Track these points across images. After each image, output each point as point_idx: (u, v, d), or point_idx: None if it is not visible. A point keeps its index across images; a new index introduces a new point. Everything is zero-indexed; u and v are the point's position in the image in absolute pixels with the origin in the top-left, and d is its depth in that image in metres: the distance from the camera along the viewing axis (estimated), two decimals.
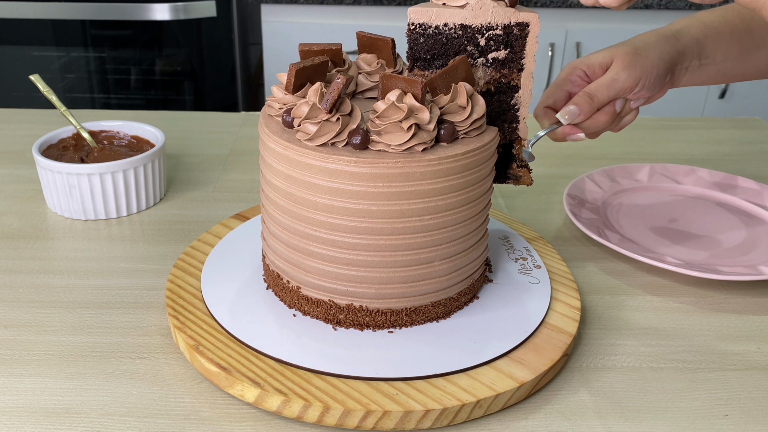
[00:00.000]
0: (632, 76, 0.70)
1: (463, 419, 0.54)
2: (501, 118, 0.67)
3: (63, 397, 0.55)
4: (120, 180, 0.80)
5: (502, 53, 0.64)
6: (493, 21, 0.62)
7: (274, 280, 0.63)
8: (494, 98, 0.66)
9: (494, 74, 0.65)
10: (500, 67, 0.64)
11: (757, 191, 0.90)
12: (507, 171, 0.70)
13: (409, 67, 0.65)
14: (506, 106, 0.66)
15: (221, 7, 1.96)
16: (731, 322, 0.67)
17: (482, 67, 0.64)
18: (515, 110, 0.66)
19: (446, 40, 0.63)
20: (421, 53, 0.64)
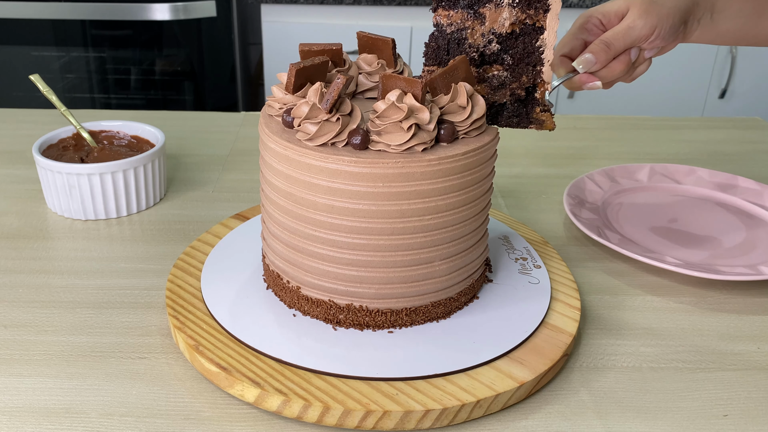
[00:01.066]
0: (648, 24, 0.69)
1: (463, 419, 0.54)
2: (525, 60, 0.66)
3: (63, 397, 0.55)
4: (120, 180, 0.80)
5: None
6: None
7: (274, 280, 0.63)
8: (519, 40, 0.65)
9: (519, 15, 0.63)
10: (526, 8, 0.63)
11: (757, 191, 0.90)
12: (530, 116, 0.68)
13: (433, 7, 0.64)
14: (530, 48, 0.65)
15: (221, 7, 1.96)
16: (731, 322, 0.67)
17: (507, 7, 0.63)
18: (540, 52, 0.65)
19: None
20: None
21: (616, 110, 2.04)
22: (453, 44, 0.65)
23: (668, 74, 1.98)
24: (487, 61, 0.66)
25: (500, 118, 0.68)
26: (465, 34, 0.64)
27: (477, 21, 0.64)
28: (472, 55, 0.65)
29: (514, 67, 0.65)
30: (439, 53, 0.65)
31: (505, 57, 0.65)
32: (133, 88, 2.04)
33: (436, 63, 0.66)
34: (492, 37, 0.65)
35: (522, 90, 0.66)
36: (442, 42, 0.65)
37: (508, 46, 0.65)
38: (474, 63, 0.65)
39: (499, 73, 0.66)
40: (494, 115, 0.68)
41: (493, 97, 0.66)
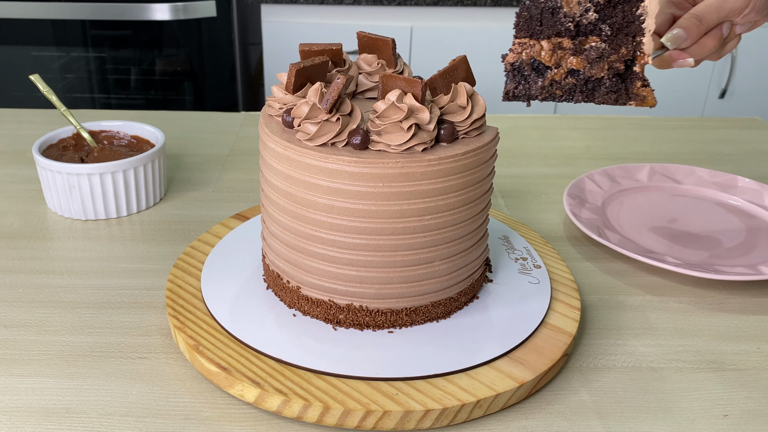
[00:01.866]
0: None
1: (463, 419, 0.54)
2: (624, 31, 0.62)
3: (63, 397, 0.55)
4: (120, 180, 0.80)
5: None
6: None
7: (274, 280, 0.63)
8: (618, 8, 0.61)
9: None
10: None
11: (757, 191, 0.90)
12: (630, 91, 0.64)
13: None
14: (630, 16, 0.61)
15: (221, 7, 1.96)
16: (731, 322, 0.67)
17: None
18: (640, 21, 0.61)
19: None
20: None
21: (616, 110, 2.04)
22: (547, 13, 0.61)
23: (668, 74, 1.98)
24: (583, 32, 0.63)
25: (597, 95, 0.65)
26: (560, 3, 0.61)
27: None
28: (567, 25, 0.62)
29: (612, 38, 0.62)
30: (532, 24, 0.62)
31: (603, 27, 0.62)
32: (133, 88, 2.04)
33: (528, 35, 0.62)
34: (589, 5, 0.61)
35: (621, 63, 0.63)
36: (534, 11, 0.61)
37: (607, 15, 0.62)
38: (569, 34, 0.62)
39: (597, 44, 0.62)
40: (590, 92, 0.64)
41: (589, 71, 0.63)
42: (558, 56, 0.62)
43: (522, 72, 0.62)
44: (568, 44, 0.62)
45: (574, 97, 0.64)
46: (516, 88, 0.62)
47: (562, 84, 0.63)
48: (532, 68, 0.62)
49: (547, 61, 0.62)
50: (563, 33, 0.62)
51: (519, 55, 0.62)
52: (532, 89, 0.63)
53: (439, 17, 2.00)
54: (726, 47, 0.70)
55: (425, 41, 2.00)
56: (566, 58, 0.62)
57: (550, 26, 0.61)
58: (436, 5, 1.96)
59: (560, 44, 0.62)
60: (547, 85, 0.62)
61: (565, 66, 0.62)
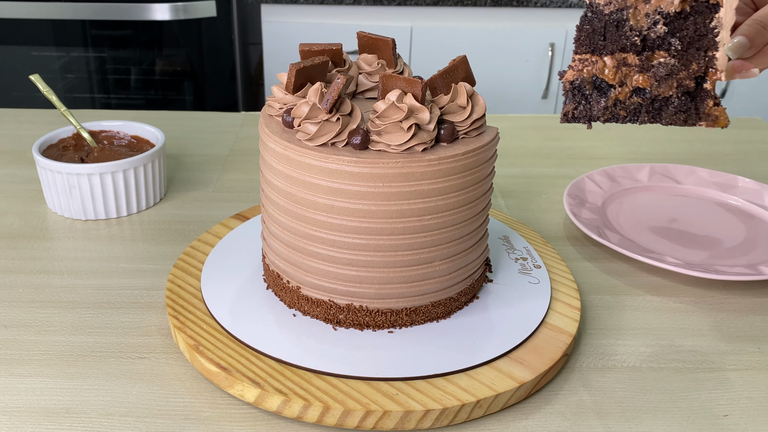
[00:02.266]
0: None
1: (463, 419, 0.54)
2: (695, 45, 0.58)
3: (63, 397, 0.55)
4: (120, 180, 0.80)
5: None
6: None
7: (274, 280, 0.63)
8: (689, 20, 0.57)
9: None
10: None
11: (757, 191, 0.90)
12: (700, 110, 0.60)
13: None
14: (703, 29, 0.57)
15: (221, 7, 1.96)
16: (731, 322, 0.67)
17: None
18: (714, 34, 0.57)
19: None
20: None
21: None
22: (611, 27, 0.57)
23: None
24: (650, 47, 0.58)
25: (664, 115, 0.61)
26: (626, 15, 0.56)
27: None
28: (633, 39, 0.57)
29: (682, 53, 0.58)
30: (594, 38, 0.57)
31: (673, 41, 0.57)
32: (133, 88, 2.04)
33: (589, 50, 0.58)
34: (658, 18, 0.57)
35: (691, 80, 0.59)
36: (597, 25, 0.57)
37: (677, 28, 0.57)
38: (635, 49, 0.57)
39: (666, 60, 0.57)
40: (657, 112, 0.60)
41: (657, 89, 0.59)
42: (622, 73, 0.58)
43: (583, 91, 0.58)
44: (633, 60, 0.58)
45: (639, 118, 0.60)
46: (576, 108, 0.58)
47: (627, 104, 0.59)
48: (594, 87, 0.58)
49: (610, 79, 0.58)
50: (628, 48, 0.57)
51: (580, 73, 0.57)
52: (593, 110, 0.58)
53: (439, 17, 2.00)
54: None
55: (425, 41, 2.00)
56: (631, 76, 0.58)
57: (615, 41, 0.57)
58: (436, 5, 1.96)
59: (625, 60, 0.57)
60: (611, 105, 0.58)
61: (630, 84, 0.58)
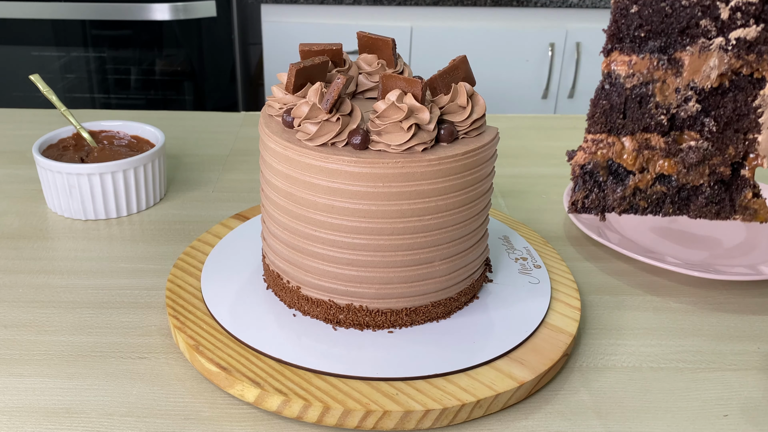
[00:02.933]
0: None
1: (463, 419, 0.54)
2: (733, 126, 0.49)
3: (63, 397, 0.55)
4: (120, 180, 0.80)
5: (751, 31, 0.46)
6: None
7: (274, 280, 0.64)
8: (727, 97, 0.48)
9: (734, 62, 0.47)
10: (745, 52, 0.46)
11: None
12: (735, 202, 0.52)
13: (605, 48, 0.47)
14: (743, 108, 0.48)
15: (221, 7, 1.96)
16: (731, 322, 0.67)
17: (718, 51, 0.46)
18: (757, 115, 0.49)
19: (672, 11, 0.45)
20: (631, 29, 0.46)
21: None
22: (633, 103, 0.48)
23: None
24: (680, 127, 0.50)
25: (692, 207, 0.53)
26: (652, 90, 0.47)
27: (671, 71, 0.47)
28: (659, 118, 0.48)
29: (718, 135, 0.49)
30: (612, 116, 0.48)
31: (707, 121, 0.49)
32: (133, 88, 2.04)
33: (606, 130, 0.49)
34: (690, 94, 0.48)
35: (727, 167, 0.50)
36: (616, 100, 0.48)
37: (712, 106, 0.49)
38: (660, 129, 0.49)
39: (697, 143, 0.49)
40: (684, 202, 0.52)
41: (685, 177, 0.51)
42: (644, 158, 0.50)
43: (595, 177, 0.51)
44: (658, 142, 0.50)
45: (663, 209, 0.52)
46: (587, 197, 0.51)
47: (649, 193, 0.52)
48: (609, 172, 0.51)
49: (629, 165, 0.50)
50: (653, 128, 0.49)
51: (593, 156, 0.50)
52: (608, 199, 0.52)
53: (439, 17, 2.00)
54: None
55: (425, 41, 2.00)
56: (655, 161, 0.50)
57: (637, 119, 0.49)
58: (436, 5, 1.96)
59: (648, 142, 0.50)
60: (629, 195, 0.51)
61: (653, 170, 0.51)
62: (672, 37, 0.45)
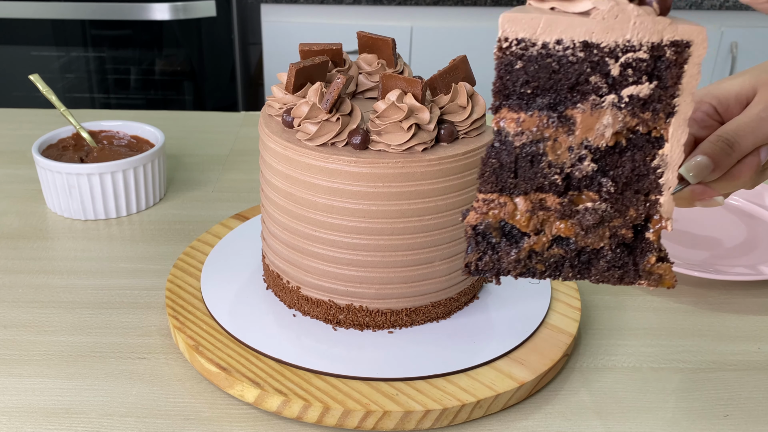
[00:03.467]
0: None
1: (464, 419, 0.54)
2: (633, 187, 0.46)
3: (63, 398, 0.55)
4: (120, 180, 0.80)
5: (644, 88, 0.43)
6: (635, 38, 0.41)
7: (274, 281, 0.63)
8: (625, 156, 0.46)
9: (629, 120, 0.44)
10: (640, 110, 0.44)
11: (758, 191, 0.90)
12: (639, 267, 0.48)
13: (494, 105, 0.45)
14: (643, 168, 0.45)
15: (221, 6, 1.96)
16: (731, 322, 0.67)
17: (611, 108, 0.44)
18: (657, 175, 0.45)
19: (559, 67, 0.43)
20: (518, 86, 0.44)
21: None
22: (524, 162, 0.45)
23: None
24: (576, 186, 0.46)
25: (593, 271, 0.48)
26: (543, 148, 0.45)
27: (562, 129, 0.44)
28: (553, 178, 0.45)
29: (617, 197, 0.46)
30: (503, 175, 0.45)
31: (604, 181, 0.46)
32: (132, 88, 2.04)
33: (497, 189, 0.46)
34: (585, 153, 0.45)
35: (629, 229, 0.47)
36: (506, 159, 0.45)
37: (609, 165, 0.46)
38: (556, 189, 0.46)
39: (595, 205, 0.46)
40: (585, 266, 0.48)
41: (584, 240, 0.47)
42: (539, 219, 0.46)
43: (488, 239, 0.47)
44: (553, 203, 0.46)
45: (563, 273, 0.48)
46: (480, 259, 0.47)
47: (545, 256, 0.47)
48: (502, 234, 0.47)
49: (523, 226, 0.46)
50: (547, 187, 0.46)
51: (484, 216, 0.46)
52: (502, 262, 0.47)
53: (439, 17, 2.00)
54: (765, 174, 0.53)
55: (425, 41, 2.00)
56: (551, 222, 0.47)
57: (529, 179, 0.46)
58: (436, 5, 1.96)
59: (542, 203, 0.46)
60: (524, 258, 0.47)
61: (550, 232, 0.47)
62: (561, 94, 0.43)
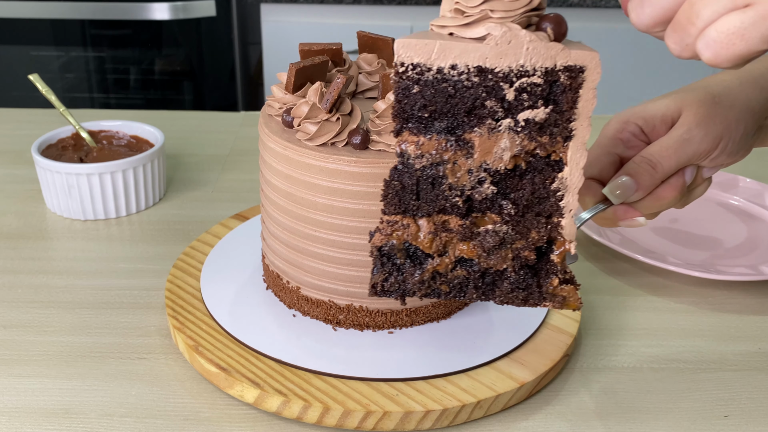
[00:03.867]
0: (711, 134, 0.51)
1: (464, 420, 0.54)
2: (534, 209, 0.46)
3: (62, 398, 0.55)
4: (119, 180, 0.80)
5: (540, 112, 0.44)
6: (529, 63, 0.42)
7: (274, 281, 0.63)
8: (525, 179, 0.46)
9: (527, 144, 0.44)
10: (537, 133, 0.44)
11: (758, 191, 0.90)
12: (543, 289, 0.48)
13: (395, 129, 0.45)
14: (543, 191, 0.46)
15: (221, 6, 1.95)
16: (732, 323, 0.67)
17: (508, 132, 0.44)
18: (557, 198, 0.46)
19: (455, 91, 0.43)
20: (416, 110, 0.44)
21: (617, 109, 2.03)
22: (425, 184, 0.45)
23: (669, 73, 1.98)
24: (478, 208, 0.47)
25: (497, 293, 0.49)
26: (443, 171, 0.45)
27: (461, 152, 0.45)
28: (454, 200, 0.46)
29: (518, 219, 0.47)
30: (405, 197, 0.46)
31: (505, 204, 0.46)
32: (132, 88, 2.04)
33: (400, 211, 0.46)
34: (484, 176, 0.45)
35: (531, 251, 0.47)
36: (408, 181, 0.45)
37: (509, 188, 0.46)
38: (457, 211, 0.46)
39: (495, 227, 0.46)
40: (489, 288, 0.48)
41: (486, 261, 0.47)
42: (442, 241, 0.46)
43: (393, 260, 0.47)
44: (456, 225, 0.46)
45: (467, 294, 0.48)
46: (386, 280, 0.47)
47: (450, 277, 0.48)
48: (407, 255, 0.47)
49: (426, 248, 0.47)
50: (449, 209, 0.46)
51: (389, 238, 0.46)
52: (407, 283, 0.47)
53: None
54: (693, 194, 0.55)
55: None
56: (454, 244, 0.47)
57: (431, 201, 0.46)
58: (436, 5, 1.96)
59: (445, 225, 0.46)
60: (429, 279, 0.47)
61: (453, 254, 0.47)
62: (459, 117, 0.43)
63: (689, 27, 0.36)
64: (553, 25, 0.42)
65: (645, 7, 0.37)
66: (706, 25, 0.35)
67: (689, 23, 0.36)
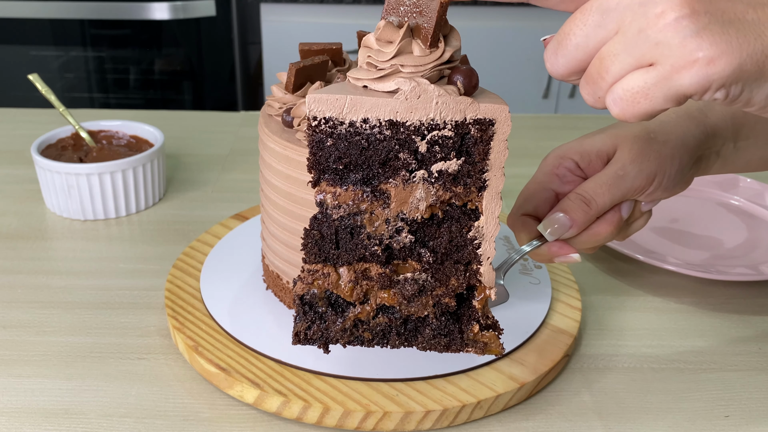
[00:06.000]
0: (645, 170, 0.51)
1: (464, 420, 0.53)
2: (452, 257, 0.48)
3: (62, 398, 0.55)
4: (119, 180, 0.80)
5: (452, 164, 0.45)
6: (439, 116, 0.43)
7: (274, 281, 0.63)
8: (442, 227, 0.47)
9: (442, 194, 0.46)
10: (451, 184, 0.46)
11: (759, 191, 0.90)
12: (465, 335, 0.50)
13: (313, 179, 0.46)
14: (460, 239, 0.47)
15: (221, 6, 1.95)
16: (732, 323, 0.67)
17: (423, 183, 0.45)
18: (474, 246, 0.47)
19: (368, 144, 0.45)
20: (331, 162, 0.45)
21: None
22: (344, 234, 0.46)
23: None
24: (398, 257, 0.48)
25: (420, 339, 0.50)
26: (361, 221, 0.46)
27: (377, 202, 0.46)
28: (374, 249, 0.47)
29: (437, 267, 0.48)
30: (325, 246, 0.47)
31: (423, 252, 0.47)
32: (132, 88, 2.04)
33: (320, 260, 0.47)
34: (401, 225, 0.47)
35: (452, 298, 0.49)
36: (327, 230, 0.47)
37: (427, 236, 0.48)
38: (377, 259, 0.47)
39: (416, 275, 0.48)
40: (411, 334, 0.50)
41: (408, 308, 0.49)
42: (363, 289, 0.48)
43: (315, 308, 0.49)
44: (376, 273, 0.48)
45: (390, 341, 0.50)
46: (309, 329, 0.49)
47: (372, 325, 0.49)
48: (328, 304, 0.48)
49: (347, 296, 0.48)
50: (369, 258, 0.47)
51: (310, 286, 0.47)
52: (330, 331, 0.49)
53: None
54: (631, 227, 0.55)
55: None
56: (375, 292, 0.48)
57: (350, 249, 0.47)
58: None
59: (366, 272, 0.48)
60: (351, 327, 0.49)
61: (374, 301, 0.49)
62: (374, 169, 0.45)
63: (600, 81, 0.36)
64: (463, 78, 0.43)
65: (559, 57, 0.38)
66: (615, 80, 0.36)
67: (599, 77, 0.36)
